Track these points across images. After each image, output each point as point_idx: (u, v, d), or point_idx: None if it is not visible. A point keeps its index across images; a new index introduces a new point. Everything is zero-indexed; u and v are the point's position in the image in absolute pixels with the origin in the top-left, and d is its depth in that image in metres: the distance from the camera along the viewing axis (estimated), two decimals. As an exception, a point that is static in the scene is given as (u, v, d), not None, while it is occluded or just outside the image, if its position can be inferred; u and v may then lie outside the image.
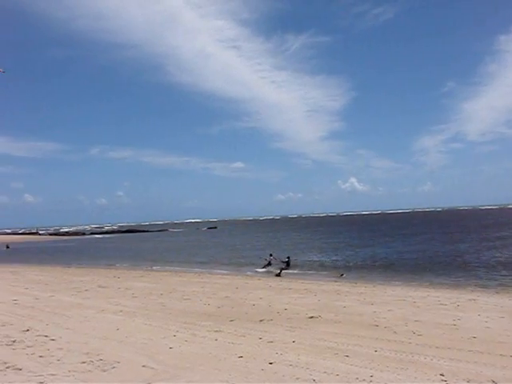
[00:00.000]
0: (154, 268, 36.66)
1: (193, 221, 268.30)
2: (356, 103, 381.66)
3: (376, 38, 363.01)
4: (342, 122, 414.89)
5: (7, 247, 73.84)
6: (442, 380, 7.95)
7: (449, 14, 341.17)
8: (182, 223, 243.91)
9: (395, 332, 11.68)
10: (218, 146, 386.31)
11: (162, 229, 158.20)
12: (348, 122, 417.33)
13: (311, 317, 14.06)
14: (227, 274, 30.65)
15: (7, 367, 8.40)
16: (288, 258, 33.64)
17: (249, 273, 32.56)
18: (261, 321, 13.62)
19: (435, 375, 8.18)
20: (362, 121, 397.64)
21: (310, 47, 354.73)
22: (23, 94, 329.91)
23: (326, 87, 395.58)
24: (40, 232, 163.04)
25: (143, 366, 8.78)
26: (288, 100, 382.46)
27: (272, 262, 34.41)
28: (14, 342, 10.38)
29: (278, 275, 30.01)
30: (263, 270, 33.62)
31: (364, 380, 7.97)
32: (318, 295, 18.75)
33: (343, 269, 31.53)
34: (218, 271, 32.95)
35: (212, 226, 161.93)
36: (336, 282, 24.57)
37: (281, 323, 13.19)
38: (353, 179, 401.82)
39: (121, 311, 15.13)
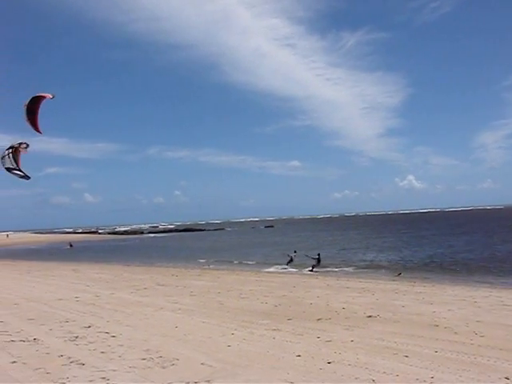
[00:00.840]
0: (212, 266, 36.96)
1: (250, 220, 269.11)
2: (413, 99, 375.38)
3: (433, 33, 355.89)
4: (400, 118, 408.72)
5: (70, 246, 76.32)
6: None
7: (510, 5, 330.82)
8: (239, 222, 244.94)
9: (456, 332, 11.41)
10: (275, 144, 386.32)
11: (218, 228, 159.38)
12: (405, 119, 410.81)
13: (369, 316, 13.89)
14: (284, 273, 30.66)
15: (71, 362, 8.61)
16: (318, 255, 33.83)
17: (270, 269, 33.77)
18: (318, 320, 13.54)
19: (499, 378, 7.93)
20: (420, 117, 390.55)
21: (365, 44, 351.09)
22: (84, 96, 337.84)
23: (383, 84, 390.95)
24: (99, 231, 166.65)
25: (202, 364, 8.85)
26: (344, 97, 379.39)
27: (294, 258, 35.76)
28: (76, 337, 10.63)
29: (311, 271, 31.62)
30: (285, 266, 34.83)
31: (424, 381, 7.81)
32: (376, 294, 18.52)
33: (401, 268, 31.11)
34: (271, 270, 33.09)
35: (269, 225, 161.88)
36: (394, 281, 24.23)
37: (339, 322, 13.08)
38: (410, 177, 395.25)
39: (179, 309, 15.29)
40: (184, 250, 59.26)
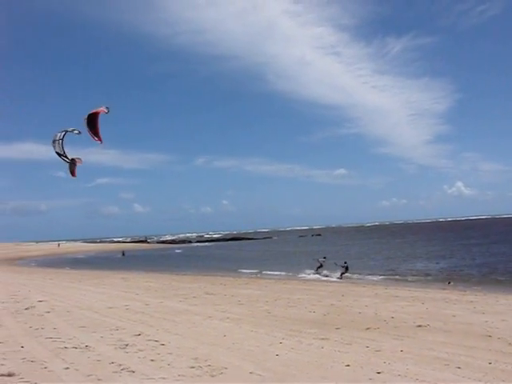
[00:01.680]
0: (259, 275, 37.04)
1: (297, 228, 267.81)
2: (461, 105, 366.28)
3: (481, 36, 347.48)
4: (447, 124, 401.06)
5: (123, 254, 79.01)
6: None
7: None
8: (286, 231, 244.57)
9: (510, 343, 11.12)
10: (320, 153, 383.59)
11: (266, 236, 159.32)
12: (453, 125, 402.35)
13: (419, 325, 13.67)
14: (332, 282, 30.47)
15: (122, 369, 8.73)
16: (345, 262, 35.40)
17: (302, 275, 35.67)
18: (367, 329, 13.39)
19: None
20: (468, 123, 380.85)
21: (411, 50, 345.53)
22: (133, 109, 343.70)
23: (430, 90, 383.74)
24: (148, 240, 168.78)
25: (250, 373, 8.85)
26: (390, 104, 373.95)
27: (323, 264, 37.82)
28: (126, 345, 10.78)
29: (340, 278, 33.49)
30: (315, 272, 36.97)
31: (478, 393, 7.64)
32: (426, 303, 18.21)
33: (451, 276, 30.55)
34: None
35: (316, 234, 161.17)
36: (444, 289, 23.80)
37: (388, 332, 12.91)
38: (459, 183, 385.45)
39: (228, 318, 15.35)
40: (231, 258, 59.51)
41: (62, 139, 16.90)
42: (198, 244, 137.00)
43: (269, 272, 38.66)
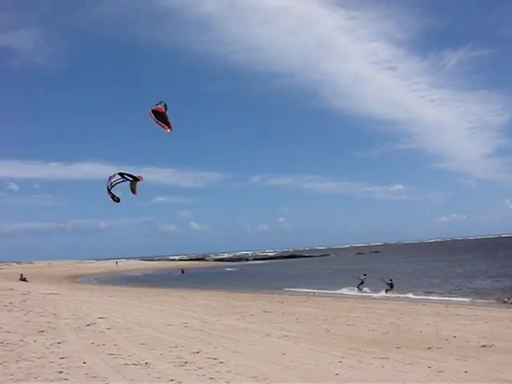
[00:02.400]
0: (316, 293, 36.78)
1: (355, 245, 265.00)
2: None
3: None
4: (508, 138, 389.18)
5: (182, 272, 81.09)
6: None
7: None
8: (344, 248, 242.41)
9: None
10: (377, 169, 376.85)
11: (323, 254, 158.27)
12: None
13: (483, 345, 13.25)
14: (390, 300, 29.96)
15: (181, 387, 8.76)
16: (391, 280, 36.70)
17: (344, 291, 37.71)
18: (429, 348, 13.06)
19: None
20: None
21: (468, 62, 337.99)
22: (188, 128, 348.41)
23: (488, 102, 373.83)
24: (206, 258, 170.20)
25: (310, 392, 8.74)
26: (448, 118, 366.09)
27: (364, 281, 39.60)
28: (185, 363, 10.81)
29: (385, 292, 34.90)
30: (357, 289, 38.71)
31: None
32: (490, 322, 17.67)
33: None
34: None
35: (374, 251, 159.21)
36: (508, 308, 23.06)
37: (450, 351, 12.56)
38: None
39: (286, 336, 15.23)
40: (288, 276, 59.21)
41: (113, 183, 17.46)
42: (255, 262, 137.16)
43: (320, 290, 38.43)
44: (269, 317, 20.67)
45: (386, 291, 35.48)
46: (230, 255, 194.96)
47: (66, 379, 8.94)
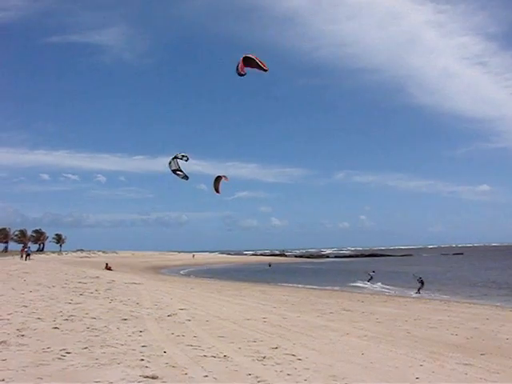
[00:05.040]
0: (397, 293, 36.18)
1: (438, 246, 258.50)
2: None
3: None
4: None
5: (269, 265, 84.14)
6: None
7: None
8: (427, 248, 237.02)
9: None
10: (464, 168, 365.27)
11: (406, 254, 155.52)
12: None
13: None
14: (475, 304, 28.97)
15: (259, 381, 8.72)
16: (420, 277, 38.50)
17: (355, 284, 41.95)
18: (517, 357, 12.50)
19: None
20: None
21: None
22: (272, 123, 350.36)
23: None
24: (286, 254, 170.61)
25: (389, 395, 8.53)
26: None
27: (373, 277, 46.96)
28: (264, 358, 10.79)
29: (418, 292, 36.56)
30: (366, 283, 45.33)
31: None
32: None
33: None
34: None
35: (457, 252, 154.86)
36: None
37: (541, 361, 11.97)
38: None
39: (365, 336, 14.97)
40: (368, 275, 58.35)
41: (176, 160, 18.33)
42: (336, 259, 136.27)
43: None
44: (348, 315, 20.43)
45: (418, 290, 37.05)
46: (310, 252, 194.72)
47: (146, 367, 9.12)
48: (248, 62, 16.18)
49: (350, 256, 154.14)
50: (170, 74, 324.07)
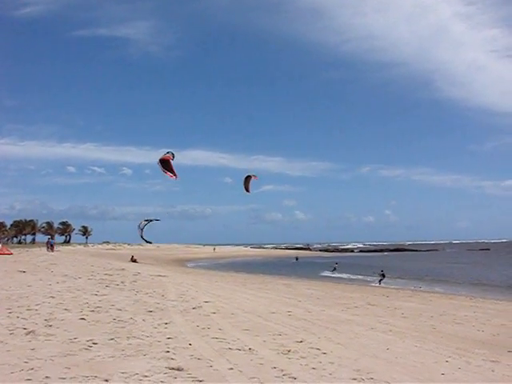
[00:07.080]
0: (423, 288, 35.95)
1: (464, 241, 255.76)
2: None
3: None
4: None
5: (296, 259, 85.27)
6: None
7: None
8: (453, 243, 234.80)
9: None
10: (491, 163, 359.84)
11: (431, 248, 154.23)
12: None
13: None
14: (501, 300, 28.67)
15: (283, 375, 8.74)
16: (382, 271, 43.91)
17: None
18: (545, 355, 12.34)
19: None
20: None
21: None
22: (298, 117, 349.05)
23: None
24: (311, 248, 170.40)
25: (415, 390, 8.49)
26: None
27: (337, 268, 56.47)
28: (288, 351, 10.79)
29: (379, 283, 41.03)
30: (331, 273, 53.67)
31: None
32: None
33: None
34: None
35: (484, 248, 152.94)
36: None
37: None
38: None
39: (390, 331, 14.91)
40: (395, 270, 58.02)
41: (142, 229, 19.18)
42: (361, 254, 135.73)
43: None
44: (373, 310, 20.37)
45: (379, 281, 41.40)
46: (336, 245, 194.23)
47: (172, 359, 9.18)
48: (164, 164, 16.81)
49: (375, 251, 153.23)
50: (197, 68, 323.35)
